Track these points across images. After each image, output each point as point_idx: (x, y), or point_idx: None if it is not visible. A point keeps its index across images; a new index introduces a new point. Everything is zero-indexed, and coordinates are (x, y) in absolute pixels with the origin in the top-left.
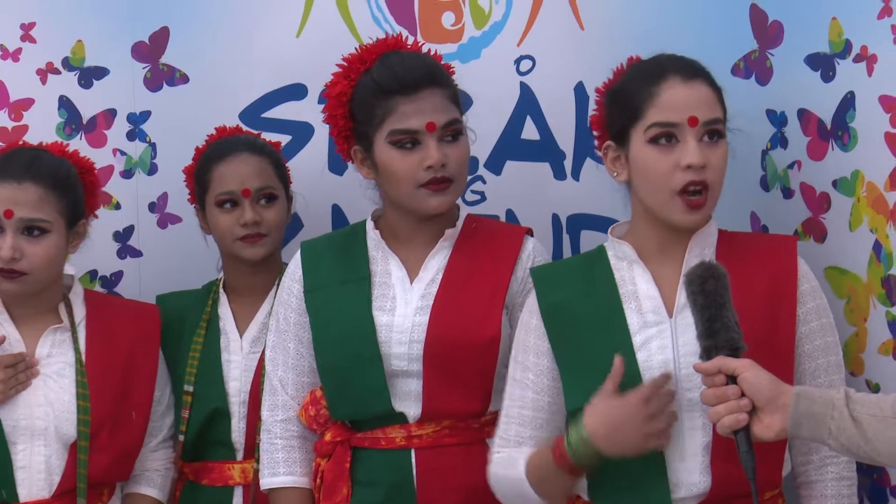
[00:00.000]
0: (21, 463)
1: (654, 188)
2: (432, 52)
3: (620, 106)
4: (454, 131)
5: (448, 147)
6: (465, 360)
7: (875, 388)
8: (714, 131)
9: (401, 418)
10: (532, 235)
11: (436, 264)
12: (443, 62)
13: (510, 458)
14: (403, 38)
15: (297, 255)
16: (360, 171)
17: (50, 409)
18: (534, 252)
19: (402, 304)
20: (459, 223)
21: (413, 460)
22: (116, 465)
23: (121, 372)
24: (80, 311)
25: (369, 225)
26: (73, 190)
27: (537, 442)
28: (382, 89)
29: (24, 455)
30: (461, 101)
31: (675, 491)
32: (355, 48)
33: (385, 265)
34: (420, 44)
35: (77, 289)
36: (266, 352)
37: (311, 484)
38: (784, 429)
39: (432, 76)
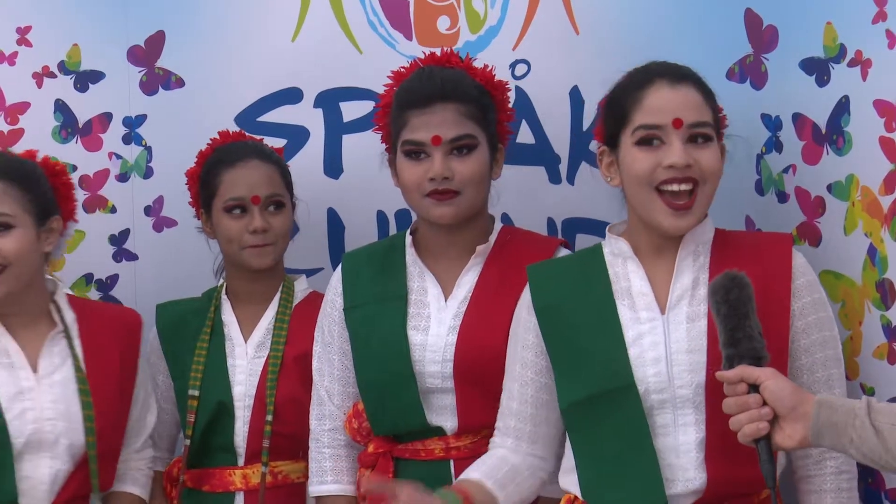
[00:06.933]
0: (25, 472)
1: (637, 188)
2: (489, 68)
3: (612, 112)
4: (466, 146)
5: (457, 161)
6: (495, 373)
7: (870, 392)
8: (701, 135)
9: (439, 431)
10: (567, 247)
11: (468, 281)
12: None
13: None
14: (455, 52)
15: (339, 269)
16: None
17: (60, 422)
18: None
19: (436, 323)
20: (493, 237)
21: (452, 471)
22: (112, 472)
23: (116, 380)
24: (69, 315)
25: (408, 239)
26: (36, 185)
27: (520, 433)
28: (400, 102)
29: (29, 466)
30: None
31: (672, 487)
32: (409, 61)
33: (421, 282)
34: (473, 60)
35: (61, 292)
36: (313, 362)
37: (357, 491)
38: (805, 437)
39: (445, 92)
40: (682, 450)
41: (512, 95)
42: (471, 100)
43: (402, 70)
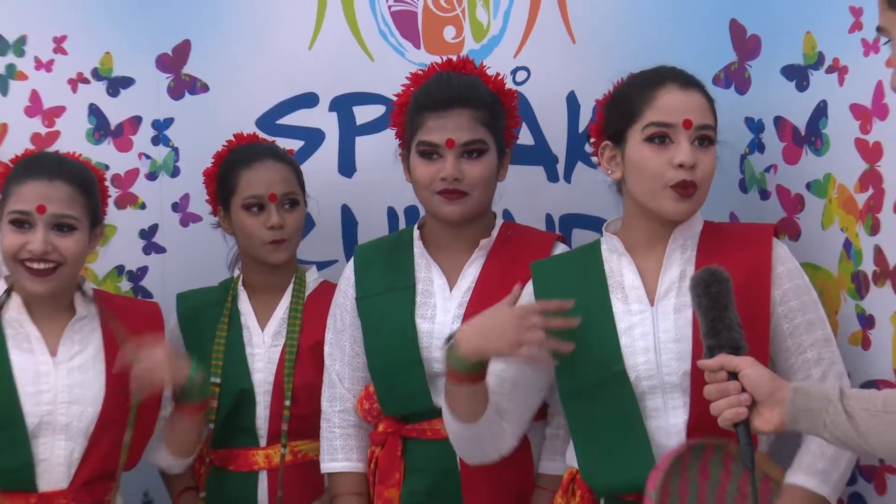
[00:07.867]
0: (42, 456)
1: (647, 183)
2: (500, 76)
3: (619, 109)
4: (476, 150)
5: (468, 163)
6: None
7: None
8: (705, 137)
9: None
10: (564, 242)
11: (472, 273)
12: (504, 88)
13: None
14: (470, 59)
15: (352, 261)
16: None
17: (75, 405)
18: None
19: (442, 311)
20: (495, 232)
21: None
22: (137, 453)
23: None
24: (92, 305)
25: (415, 233)
26: (95, 192)
27: (495, 408)
28: (418, 104)
29: (45, 448)
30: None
31: None
32: (429, 64)
33: (428, 273)
34: (486, 68)
35: (87, 284)
36: (325, 347)
37: (367, 468)
38: (782, 422)
39: (461, 97)
40: (671, 431)
41: None
42: (484, 106)
43: (420, 73)
